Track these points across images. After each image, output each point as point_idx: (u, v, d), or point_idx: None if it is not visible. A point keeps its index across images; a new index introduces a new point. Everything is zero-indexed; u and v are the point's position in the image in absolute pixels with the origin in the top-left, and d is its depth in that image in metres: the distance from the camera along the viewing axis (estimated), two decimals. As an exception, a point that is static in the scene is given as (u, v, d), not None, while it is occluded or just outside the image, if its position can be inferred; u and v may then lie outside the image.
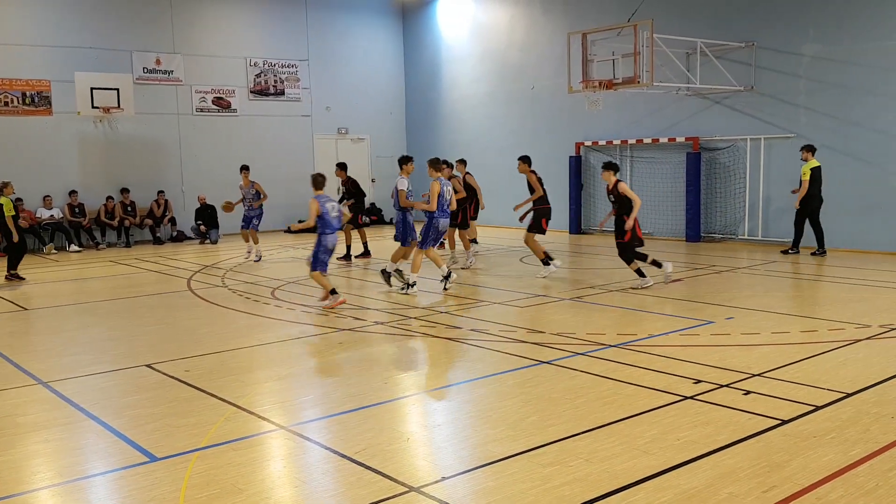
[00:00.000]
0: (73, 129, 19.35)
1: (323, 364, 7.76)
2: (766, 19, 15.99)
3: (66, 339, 9.32)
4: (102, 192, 19.60)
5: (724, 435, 5.39)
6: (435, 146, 24.02)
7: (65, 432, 5.89)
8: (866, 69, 14.67)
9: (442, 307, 10.42)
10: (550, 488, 4.62)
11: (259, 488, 4.78)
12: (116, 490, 4.85)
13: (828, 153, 15.16)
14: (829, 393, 6.27)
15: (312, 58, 23.00)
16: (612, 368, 7.15)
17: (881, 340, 8.04)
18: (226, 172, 21.36)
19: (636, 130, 18.55)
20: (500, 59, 21.85)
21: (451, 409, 6.34)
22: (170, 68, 20.68)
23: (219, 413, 6.18)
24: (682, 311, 9.79)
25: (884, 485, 4.57)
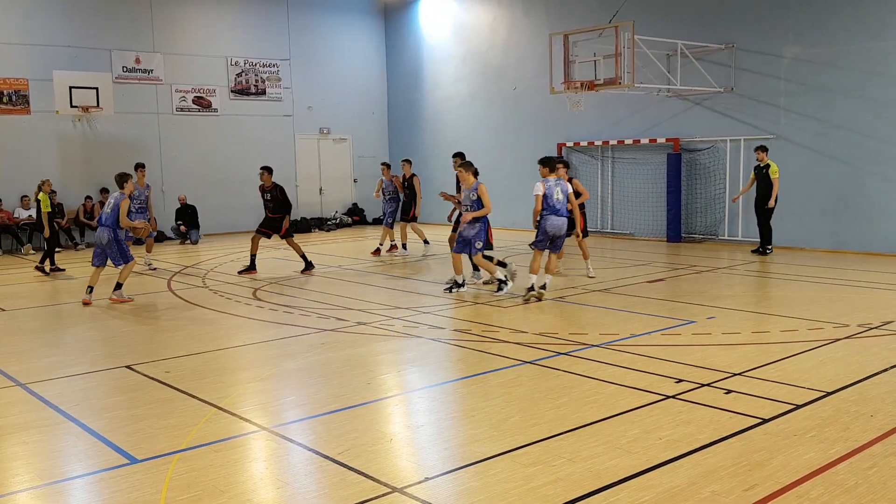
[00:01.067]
0: (52, 128, 19.15)
1: (305, 365, 7.72)
2: (745, 21, 16.12)
3: (45, 341, 9.22)
4: (81, 192, 19.42)
5: (706, 434, 5.42)
6: (417, 147, 24.03)
7: (44, 434, 5.82)
8: (846, 71, 14.81)
9: (426, 308, 10.41)
10: (533, 488, 4.62)
11: (241, 490, 4.75)
12: (96, 492, 4.80)
13: (807, 154, 15.31)
14: (809, 392, 6.32)
15: (294, 57, 22.91)
16: (595, 368, 7.17)
17: (860, 339, 8.12)
18: (207, 172, 21.27)
19: (617, 131, 18.63)
20: (482, 59, 21.87)
21: (434, 410, 6.33)
22: (149, 67, 20.53)
23: (200, 414, 6.13)
24: (664, 310, 9.84)
25: (863, 483, 4.61)
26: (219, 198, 21.15)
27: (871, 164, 14.63)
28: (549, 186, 10.42)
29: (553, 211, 10.41)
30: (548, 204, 10.40)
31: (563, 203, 10.49)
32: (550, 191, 10.39)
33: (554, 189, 10.45)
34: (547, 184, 10.42)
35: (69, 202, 19.27)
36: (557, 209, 10.43)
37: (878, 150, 14.51)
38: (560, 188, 10.52)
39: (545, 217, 10.42)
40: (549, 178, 10.52)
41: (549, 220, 10.44)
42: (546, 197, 10.38)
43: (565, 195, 10.58)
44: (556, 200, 10.42)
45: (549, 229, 10.44)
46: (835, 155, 15.07)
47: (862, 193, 14.78)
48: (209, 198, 20.78)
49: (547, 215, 10.41)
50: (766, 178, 14.37)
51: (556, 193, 10.45)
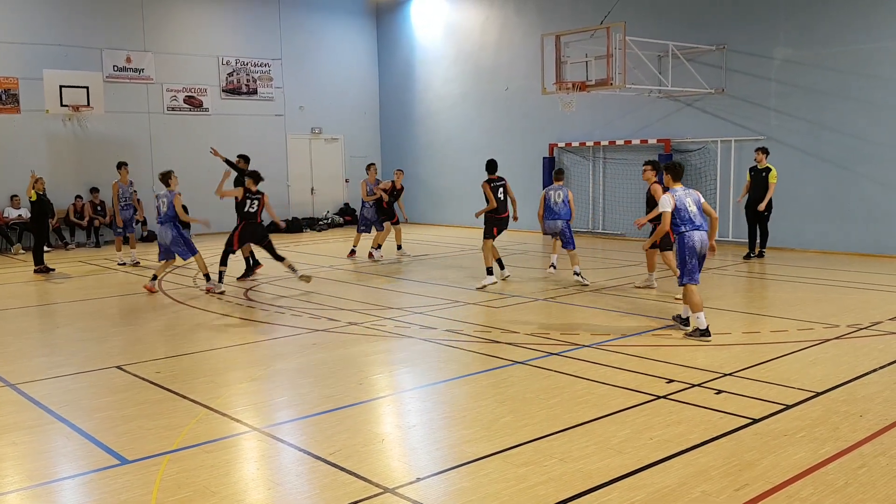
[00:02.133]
0: (42, 127, 19.05)
1: (297, 365, 7.71)
2: (736, 23, 16.17)
3: (35, 341, 9.17)
4: (71, 192, 19.32)
5: (697, 434, 5.44)
6: (410, 147, 24.03)
7: (33, 435, 5.79)
8: (836, 73, 14.88)
9: (417, 308, 10.41)
10: (525, 488, 4.63)
11: (232, 491, 4.74)
12: (86, 493, 4.78)
13: (798, 155, 15.37)
14: (799, 392, 6.35)
15: (285, 57, 22.87)
16: (586, 368, 7.19)
17: (849, 340, 8.16)
18: (197, 172, 21.17)
19: (609, 132, 18.67)
20: (473, 60, 21.88)
21: (425, 410, 6.33)
22: (140, 66, 20.45)
23: (191, 415, 6.12)
24: (655, 311, 9.87)
25: (853, 483, 4.63)
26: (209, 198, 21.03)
27: (860, 165, 14.70)
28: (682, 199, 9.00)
29: (694, 225, 8.74)
30: (686, 218, 8.87)
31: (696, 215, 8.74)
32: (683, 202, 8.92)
33: (686, 200, 8.89)
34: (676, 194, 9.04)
35: (59, 202, 19.15)
36: (696, 224, 8.73)
37: (868, 152, 14.58)
38: (689, 199, 8.92)
39: (686, 234, 8.89)
40: (678, 189, 9.04)
41: (692, 236, 8.88)
42: (678, 209, 8.89)
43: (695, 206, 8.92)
44: (688, 213, 8.80)
45: (691, 244, 8.78)
46: (825, 156, 15.14)
47: (852, 195, 14.85)
48: (199, 198, 20.63)
49: (687, 231, 8.87)
50: (763, 181, 14.02)
51: (689, 205, 8.92)
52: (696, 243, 8.37)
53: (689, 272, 8.39)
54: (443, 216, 23.07)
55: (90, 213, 19.28)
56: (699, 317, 8.26)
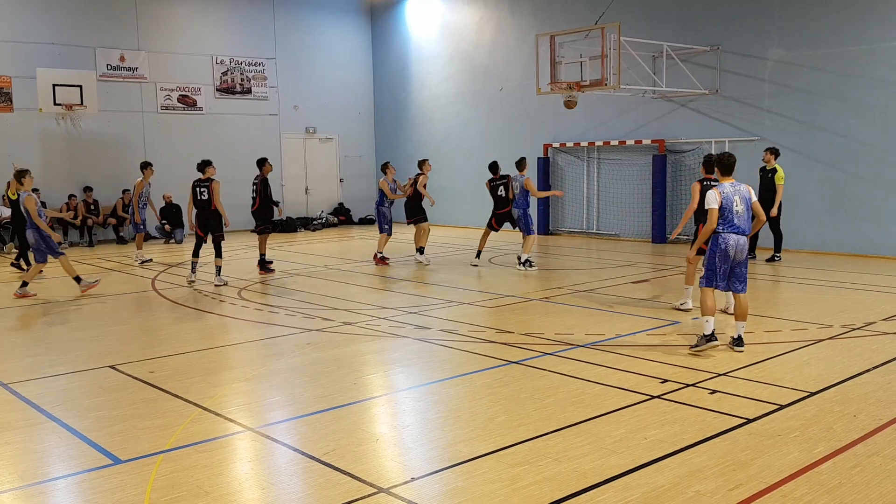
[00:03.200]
0: (35, 126, 18.98)
1: (291, 365, 7.69)
2: (731, 24, 16.21)
3: (27, 340, 9.13)
4: (65, 191, 19.25)
5: (691, 434, 5.44)
6: (404, 146, 24.01)
7: (26, 435, 5.77)
8: (829, 74, 14.93)
9: (412, 308, 10.40)
10: (519, 488, 4.63)
11: (225, 491, 4.73)
12: (79, 493, 4.76)
13: (791, 156, 15.40)
14: (793, 392, 6.36)
15: (280, 56, 22.83)
16: (581, 368, 7.19)
17: (843, 340, 8.18)
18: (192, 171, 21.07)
19: (603, 132, 18.69)
20: (468, 59, 21.88)
21: (420, 410, 6.32)
22: (134, 65, 20.39)
23: (184, 414, 6.10)
24: (649, 311, 9.88)
25: (847, 483, 4.64)
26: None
27: (853, 165, 14.75)
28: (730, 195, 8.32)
29: (732, 226, 8.05)
30: (728, 219, 8.24)
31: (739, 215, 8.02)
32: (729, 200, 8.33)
33: (734, 197, 8.25)
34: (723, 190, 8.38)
35: (52, 201, 19.09)
36: (736, 224, 8.07)
37: (861, 152, 14.63)
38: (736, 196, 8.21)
39: (721, 235, 8.31)
40: (724, 185, 8.33)
41: (728, 238, 8.23)
42: (724, 208, 8.23)
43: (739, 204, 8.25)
44: (733, 214, 8.17)
45: (725, 248, 8.17)
46: (818, 157, 15.18)
47: (845, 195, 14.89)
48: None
49: (723, 231, 8.23)
50: (770, 182, 13.83)
51: (736, 203, 8.33)
52: (730, 248, 7.66)
53: (711, 276, 7.76)
54: (437, 216, 23.01)
55: (83, 212, 19.21)
56: (708, 321, 7.73)
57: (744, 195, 7.78)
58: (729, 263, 7.73)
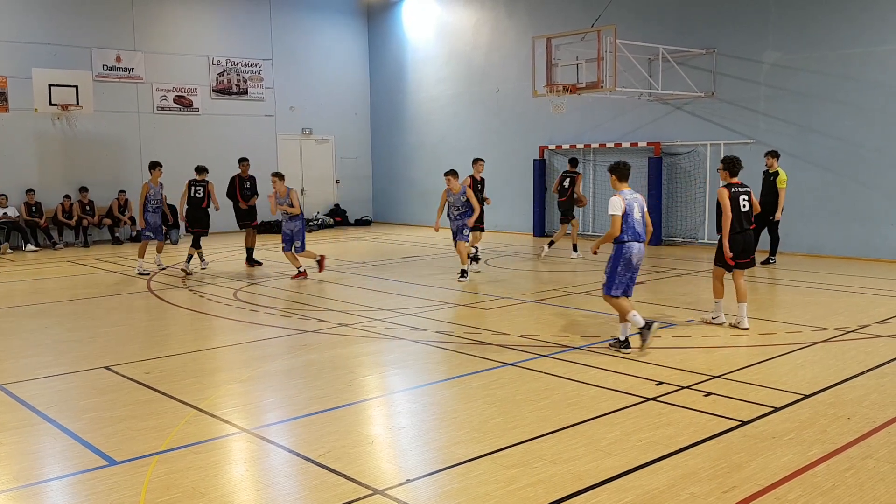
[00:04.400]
0: (31, 126, 18.94)
1: (286, 366, 7.69)
2: (726, 27, 16.25)
3: (23, 341, 9.11)
4: (60, 191, 19.21)
5: (686, 436, 5.46)
6: (400, 147, 24.02)
7: (20, 436, 5.76)
8: (825, 77, 14.98)
9: (407, 309, 10.40)
10: (515, 490, 4.63)
11: (221, 492, 4.73)
12: (74, 494, 4.76)
13: (786, 159, 15.41)
14: (788, 394, 6.38)
15: (276, 57, 22.82)
16: (576, 370, 7.20)
17: (837, 343, 8.21)
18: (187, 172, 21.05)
19: (599, 134, 18.72)
20: (465, 61, 21.90)
21: (415, 412, 6.32)
22: (130, 66, 20.36)
23: (179, 416, 6.09)
24: (644, 313, 9.85)
25: (841, 485, 4.66)
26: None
27: (849, 168, 14.79)
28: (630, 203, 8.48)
29: (635, 234, 8.16)
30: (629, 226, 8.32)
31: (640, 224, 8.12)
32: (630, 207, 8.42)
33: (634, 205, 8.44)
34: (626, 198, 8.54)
35: (48, 201, 19.07)
36: (637, 232, 8.14)
37: (856, 155, 14.68)
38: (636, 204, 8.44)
39: (625, 245, 8.40)
40: (625, 191, 8.45)
41: (632, 247, 8.33)
42: (626, 215, 8.25)
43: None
44: (634, 220, 8.23)
45: (628, 256, 8.27)
46: (813, 159, 15.23)
47: (840, 198, 14.94)
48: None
49: (627, 240, 8.31)
50: (772, 185, 13.68)
51: (636, 211, 8.49)
52: (634, 256, 7.78)
53: (619, 285, 7.78)
54: (433, 217, 23.03)
55: (79, 212, 19.17)
56: (628, 323, 7.80)
57: (640, 203, 7.96)
58: (631, 271, 7.82)
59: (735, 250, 8.63)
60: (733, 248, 8.61)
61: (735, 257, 8.66)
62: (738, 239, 8.63)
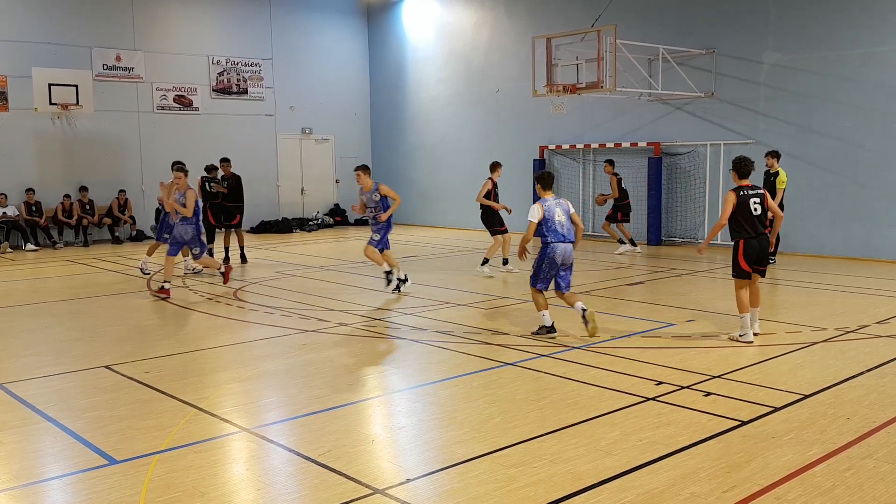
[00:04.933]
0: (31, 125, 18.94)
1: (286, 366, 7.70)
2: (726, 27, 16.26)
3: (23, 340, 9.11)
4: (60, 191, 19.22)
5: (686, 436, 5.46)
6: (400, 147, 24.03)
7: (20, 434, 5.76)
8: (824, 77, 14.98)
9: (407, 309, 10.41)
10: (515, 489, 4.64)
11: (221, 491, 4.73)
12: (74, 493, 4.76)
13: (786, 159, 15.43)
14: (787, 394, 6.39)
15: (276, 57, 22.83)
16: (576, 370, 7.21)
17: (837, 343, 8.21)
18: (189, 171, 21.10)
19: (599, 135, 18.73)
20: (465, 61, 21.90)
21: (415, 411, 6.33)
22: (130, 65, 20.37)
23: (180, 415, 6.10)
24: (644, 313, 9.90)
25: (840, 485, 4.67)
26: (199, 197, 21.02)
27: (848, 169, 14.80)
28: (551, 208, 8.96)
29: (557, 235, 8.79)
30: (550, 228, 8.94)
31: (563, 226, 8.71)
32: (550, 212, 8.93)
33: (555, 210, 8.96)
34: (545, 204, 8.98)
35: (48, 201, 19.07)
36: (560, 233, 8.71)
37: (856, 156, 14.69)
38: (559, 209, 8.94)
39: (549, 245, 9.02)
40: (547, 199, 8.92)
41: (556, 248, 8.92)
42: (546, 219, 8.87)
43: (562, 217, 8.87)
44: (554, 223, 8.81)
45: (551, 257, 8.88)
46: (813, 160, 15.23)
47: (839, 198, 14.95)
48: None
49: (551, 242, 8.95)
50: (772, 185, 13.57)
51: (557, 216, 8.99)
52: (558, 256, 8.43)
53: (543, 280, 8.54)
54: (433, 217, 23.09)
55: (79, 212, 19.18)
56: (544, 315, 8.67)
57: (564, 208, 8.66)
58: (556, 269, 8.55)
59: (750, 257, 8.12)
60: (748, 255, 8.12)
61: (751, 264, 8.17)
62: (752, 244, 8.11)
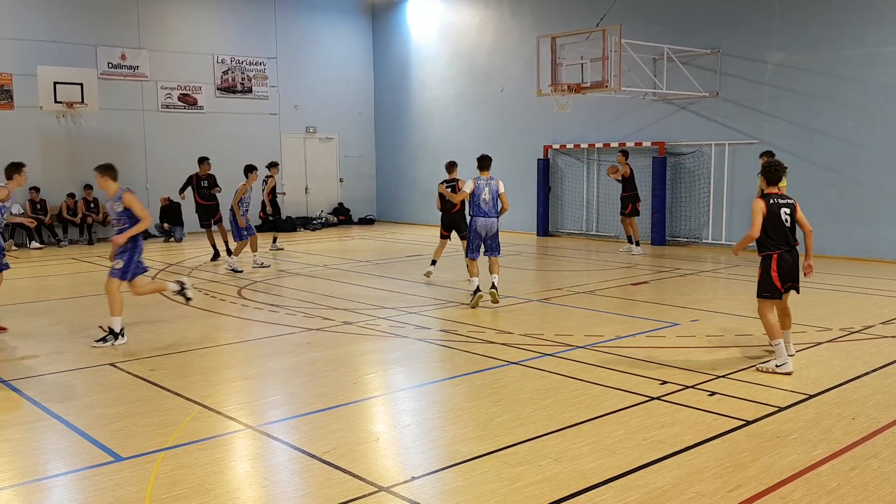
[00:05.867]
0: (35, 124, 18.98)
1: (291, 364, 7.71)
2: (731, 27, 16.24)
3: (27, 337, 9.13)
4: (65, 189, 19.25)
5: (690, 435, 5.46)
6: (404, 146, 24.03)
7: (26, 431, 5.77)
8: (828, 77, 14.96)
9: (412, 308, 10.41)
10: (519, 488, 4.64)
11: (226, 489, 4.74)
12: (80, 490, 4.77)
13: (790, 160, 15.40)
14: (792, 394, 6.38)
15: (280, 56, 22.85)
16: (580, 369, 7.20)
17: (841, 343, 8.20)
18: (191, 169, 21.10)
19: (603, 134, 18.71)
20: (469, 60, 21.90)
21: (420, 410, 6.33)
22: (135, 64, 20.40)
23: (185, 412, 6.11)
24: (648, 313, 9.89)
25: (845, 485, 4.66)
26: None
27: (852, 169, 14.77)
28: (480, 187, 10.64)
29: (479, 210, 10.49)
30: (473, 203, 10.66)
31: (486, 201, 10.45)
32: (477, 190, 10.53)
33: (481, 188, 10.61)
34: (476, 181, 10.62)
35: (52, 199, 19.11)
36: (483, 209, 10.46)
37: (860, 156, 14.66)
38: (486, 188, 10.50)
39: (472, 218, 10.68)
40: (481, 177, 10.49)
41: (477, 221, 10.62)
42: (473, 194, 10.57)
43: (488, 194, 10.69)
44: (477, 199, 10.44)
45: (477, 229, 10.57)
46: (817, 160, 15.21)
47: (843, 198, 14.92)
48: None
49: (473, 216, 10.61)
50: None
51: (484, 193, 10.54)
52: (479, 228, 10.38)
53: (472, 249, 10.53)
54: (436, 217, 23.01)
55: (83, 210, 19.22)
56: (472, 280, 10.51)
57: (493, 188, 10.36)
58: (481, 239, 10.47)
59: (784, 273, 7.21)
60: (781, 271, 7.19)
61: (784, 281, 7.25)
62: (786, 259, 7.23)
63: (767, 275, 7.22)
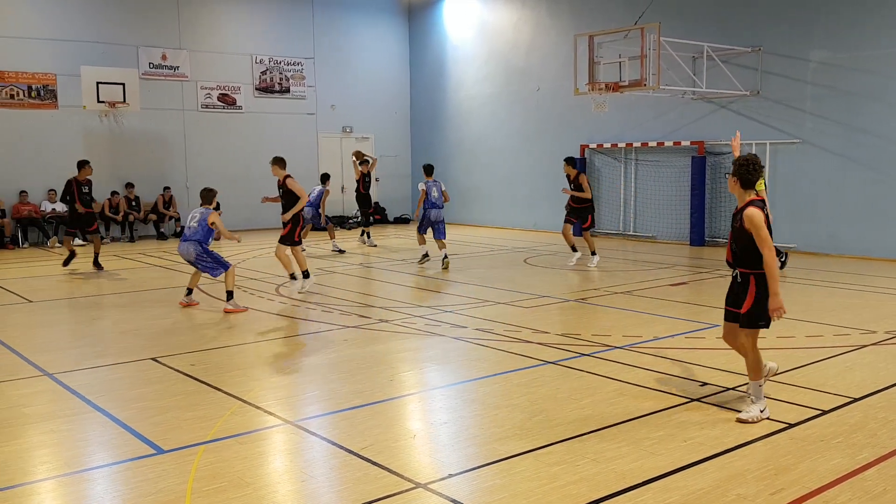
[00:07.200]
0: (79, 123, 19.35)
1: (328, 360, 7.75)
2: (772, 24, 15.98)
3: (72, 332, 9.32)
4: (107, 187, 19.59)
5: (732, 437, 5.38)
6: (440, 146, 24.05)
7: (70, 423, 5.89)
8: (873, 76, 14.65)
9: (448, 307, 10.41)
10: (557, 487, 4.61)
11: (265, 482, 4.78)
12: (123, 481, 4.85)
13: (832, 159, 15.16)
14: (836, 397, 6.26)
15: (318, 56, 23.02)
16: (618, 370, 7.15)
17: (887, 346, 8.03)
18: (230, 169, 21.39)
19: (641, 133, 18.54)
20: (505, 59, 21.85)
21: (456, 407, 6.33)
22: (175, 64, 20.70)
23: (224, 407, 6.18)
24: (687, 314, 9.78)
25: (892, 489, 4.56)
26: (240, 194, 21.23)
27: (894, 169, 14.47)
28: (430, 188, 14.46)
29: (431, 204, 14.13)
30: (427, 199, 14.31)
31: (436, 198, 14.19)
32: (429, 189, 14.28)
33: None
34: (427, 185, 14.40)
35: (95, 197, 19.35)
36: (434, 203, 14.14)
37: (906, 156, 14.35)
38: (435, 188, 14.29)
39: (426, 210, 14.26)
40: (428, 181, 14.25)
41: (430, 212, 14.21)
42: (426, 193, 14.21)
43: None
44: (432, 196, 14.13)
45: (431, 218, 14.11)
46: (861, 160, 14.91)
47: (888, 199, 14.59)
48: (231, 194, 20.83)
49: (427, 208, 14.22)
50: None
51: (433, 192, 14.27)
52: (431, 216, 13.82)
53: (423, 228, 14.04)
54: (473, 216, 23.07)
55: (125, 208, 19.54)
56: (422, 248, 14.30)
57: (438, 187, 14.01)
58: (430, 224, 13.82)
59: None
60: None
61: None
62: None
63: (764, 300, 5.85)
